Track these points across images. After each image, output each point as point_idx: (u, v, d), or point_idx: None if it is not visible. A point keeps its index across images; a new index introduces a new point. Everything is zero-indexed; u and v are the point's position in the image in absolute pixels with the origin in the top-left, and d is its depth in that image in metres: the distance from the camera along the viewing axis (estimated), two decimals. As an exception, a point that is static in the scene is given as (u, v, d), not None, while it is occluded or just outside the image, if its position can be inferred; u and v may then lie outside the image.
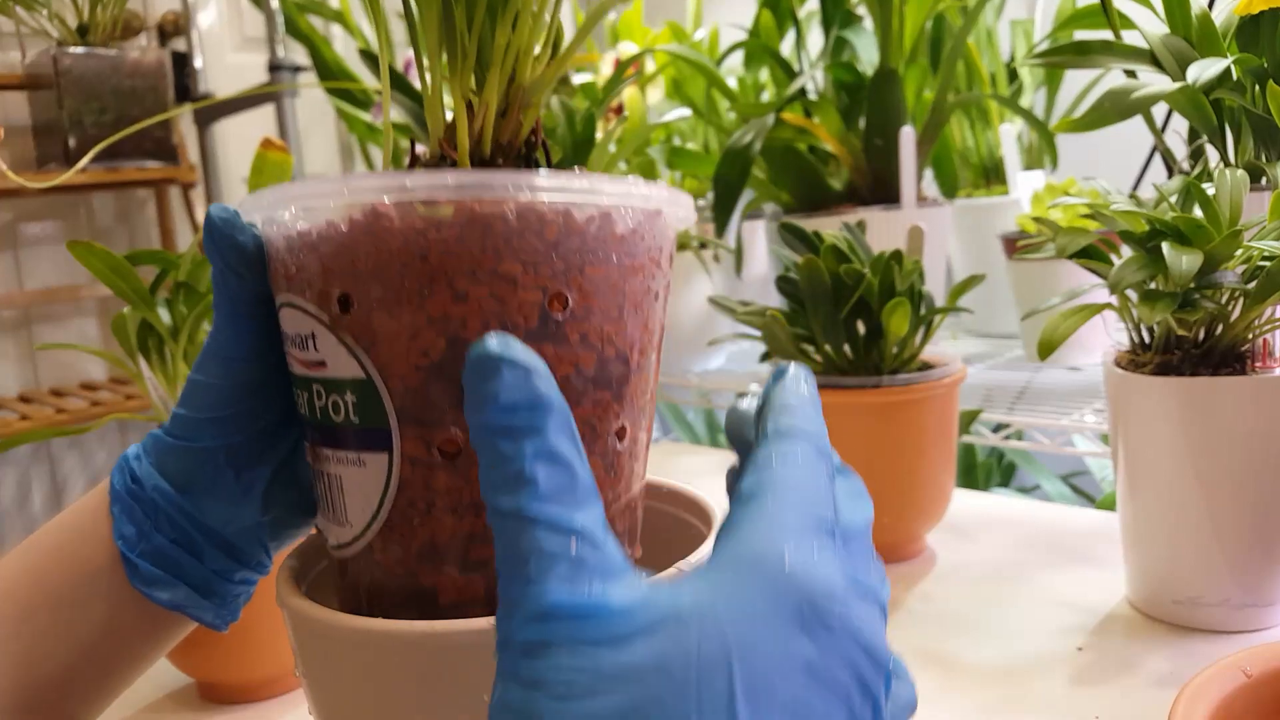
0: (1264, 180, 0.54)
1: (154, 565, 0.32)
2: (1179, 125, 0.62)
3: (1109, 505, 0.97)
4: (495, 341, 0.22)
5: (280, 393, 0.33)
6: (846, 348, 0.62)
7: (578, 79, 1.15)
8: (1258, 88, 0.54)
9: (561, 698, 0.19)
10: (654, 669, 0.19)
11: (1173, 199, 0.50)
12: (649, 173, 1.07)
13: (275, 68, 1.60)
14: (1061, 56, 0.61)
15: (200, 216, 1.83)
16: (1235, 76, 0.54)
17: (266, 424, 0.33)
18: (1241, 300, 0.48)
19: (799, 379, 0.26)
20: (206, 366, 0.32)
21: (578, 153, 0.89)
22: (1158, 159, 0.74)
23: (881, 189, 0.97)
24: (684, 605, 0.20)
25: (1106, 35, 0.61)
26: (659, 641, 0.20)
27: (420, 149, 0.32)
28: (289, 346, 0.30)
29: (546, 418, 0.22)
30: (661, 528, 0.37)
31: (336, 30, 1.84)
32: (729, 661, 0.19)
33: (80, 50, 1.55)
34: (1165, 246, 0.45)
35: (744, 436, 0.27)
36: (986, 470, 1.32)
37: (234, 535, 0.33)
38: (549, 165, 0.32)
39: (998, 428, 0.84)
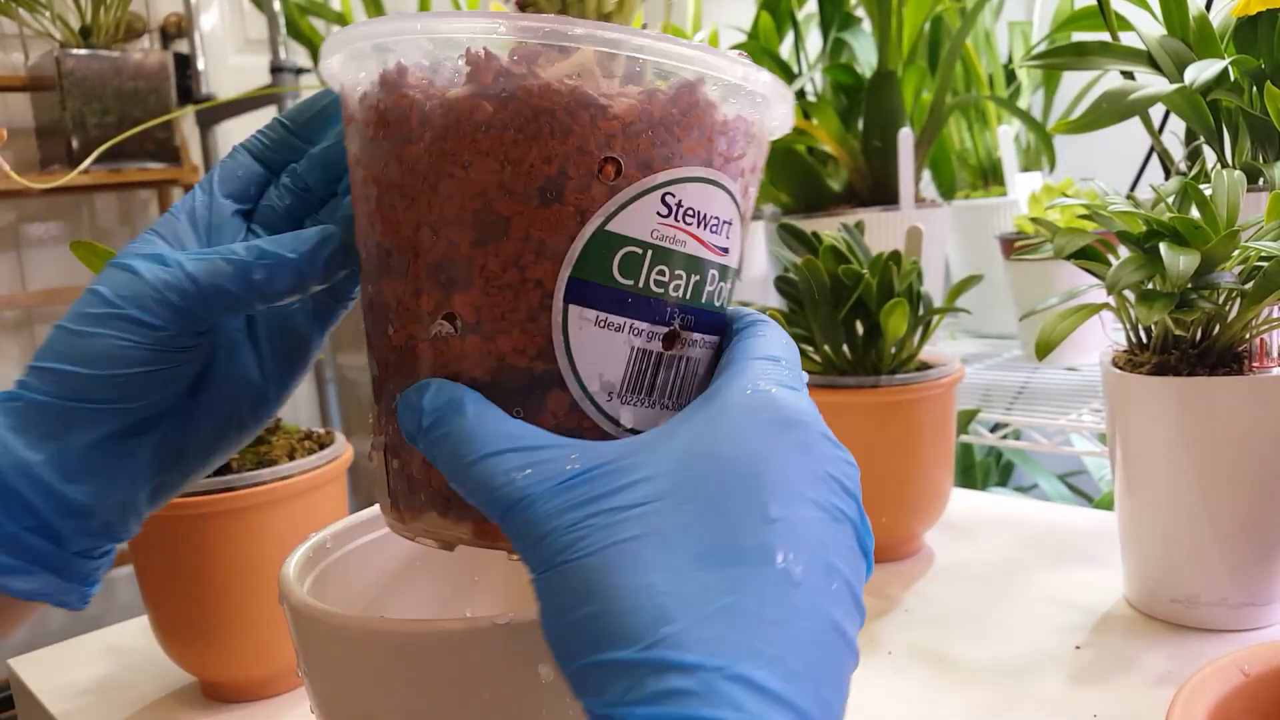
0: (1261, 181, 0.54)
1: (8, 555, 0.28)
2: (1176, 126, 0.62)
3: (1107, 505, 0.97)
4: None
5: (204, 351, 0.31)
6: (845, 348, 0.62)
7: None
8: (1255, 89, 0.54)
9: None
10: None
11: (1170, 200, 0.50)
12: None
13: (277, 70, 1.61)
14: (1059, 58, 0.61)
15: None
16: (1233, 78, 0.54)
17: (180, 388, 0.30)
18: (1239, 300, 0.48)
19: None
20: (111, 319, 0.28)
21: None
22: (1155, 160, 0.75)
23: (880, 190, 0.97)
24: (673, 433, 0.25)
25: (1104, 37, 0.61)
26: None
27: None
28: (686, 221, 0.27)
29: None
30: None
31: (337, 32, 1.84)
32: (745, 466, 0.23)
33: (83, 52, 1.55)
34: (1162, 247, 0.45)
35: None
36: (985, 469, 1.32)
37: (106, 510, 0.30)
38: None
39: (995, 427, 0.84)
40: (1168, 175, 0.62)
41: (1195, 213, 0.48)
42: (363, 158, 0.28)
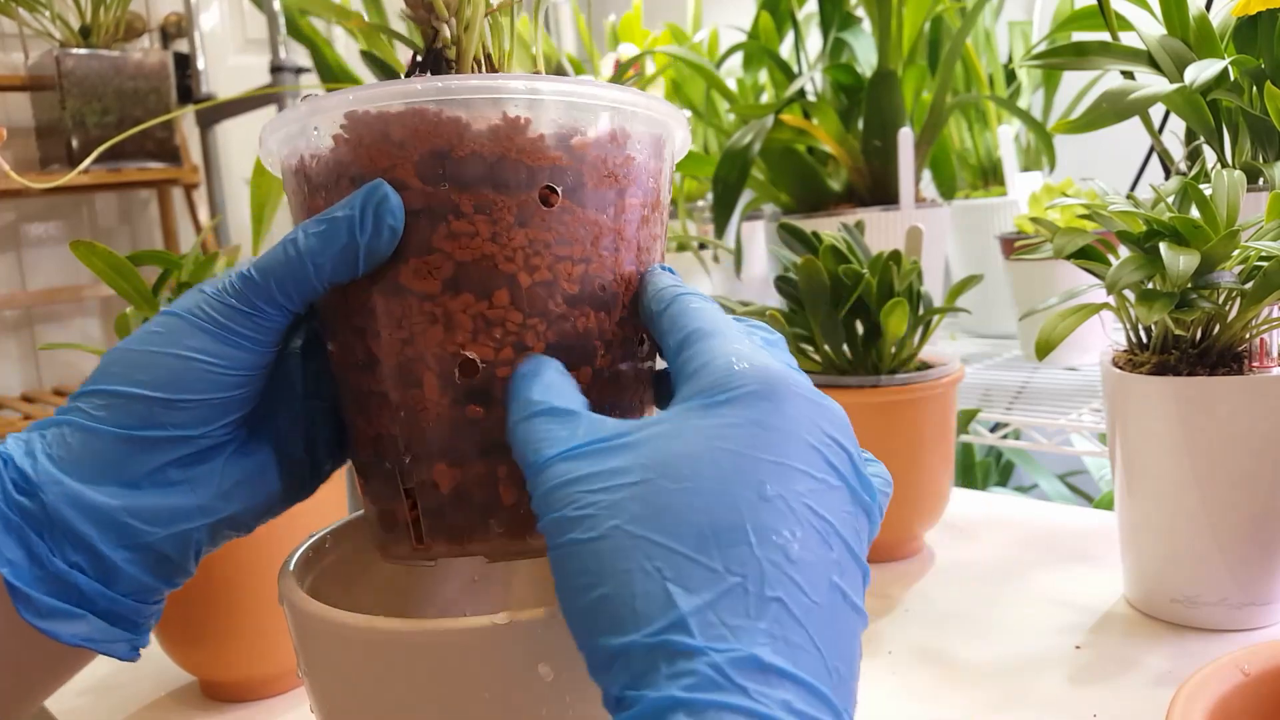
0: (1261, 181, 0.54)
1: (53, 596, 0.26)
2: (1176, 126, 0.62)
3: (1107, 504, 0.97)
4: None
5: (268, 374, 0.30)
6: (845, 348, 0.62)
7: (578, 80, 1.15)
8: (1255, 89, 0.54)
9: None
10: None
11: (1170, 199, 0.50)
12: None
13: (277, 69, 1.61)
14: (1059, 58, 0.61)
15: (203, 217, 1.83)
16: (1232, 77, 0.54)
17: (245, 413, 0.30)
18: (1238, 300, 0.48)
19: (659, 273, 0.31)
20: (184, 339, 0.28)
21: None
22: (1155, 160, 0.75)
23: (880, 190, 0.97)
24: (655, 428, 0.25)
25: (1104, 37, 0.61)
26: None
27: None
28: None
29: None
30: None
31: (338, 31, 1.85)
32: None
33: (83, 51, 1.55)
34: (1162, 247, 0.45)
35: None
36: (985, 469, 1.32)
37: (166, 541, 0.28)
38: None
39: (996, 427, 0.85)
40: (1168, 175, 0.62)
41: (1195, 212, 0.48)
42: (583, 206, 0.30)
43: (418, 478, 0.31)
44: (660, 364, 0.33)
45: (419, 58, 0.33)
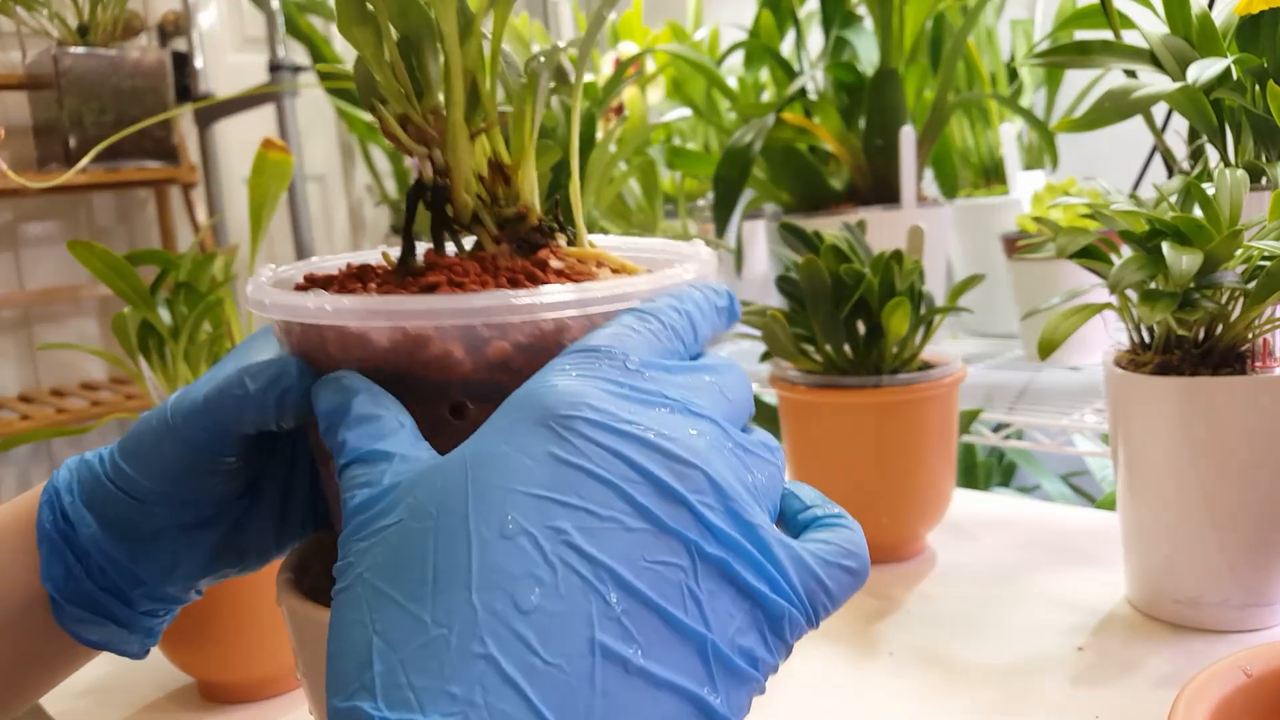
0: (1264, 180, 0.54)
1: (82, 608, 0.31)
2: (1179, 125, 0.62)
3: (1109, 505, 0.97)
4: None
5: (247, 468, 0.32)
6: (847, 347, 0.62)
7: (578, 79, 1.15)
8: (1258, 87, 0.54)
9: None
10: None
11: (1173, 199, 0.50)
12: (649, 173, 1.07)
13: (276, 68, 1.61)
14: (1062, 56, 0.61)
15: (201, 216, 1.83)
16: (1235, 76, 0.54)
17: (225, 496, 0.32)
18: (1241, 300, 0.48)
19: None
20: (165, 441, 0.30)
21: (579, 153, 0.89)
22: (1158, 159, 0.75)
23: (882, 189, 0.97)
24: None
25: (1107, 35, 0.61)
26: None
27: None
28: None
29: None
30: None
31: (336, 30, 1.84)
32: (464, 478, 0.21)
33: (81, 50, 1.55)
34: (1165, 246, 0.45)
35: None
36: (987, 470, 1.32)
37: (170, 586, 0.32)
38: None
39: (998, 427, 0.84)
40: (1170, 174, 0.62)
41: (1198, 212, 0.48)
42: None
43: None
44: None
45: (416, 190, 0.31)
